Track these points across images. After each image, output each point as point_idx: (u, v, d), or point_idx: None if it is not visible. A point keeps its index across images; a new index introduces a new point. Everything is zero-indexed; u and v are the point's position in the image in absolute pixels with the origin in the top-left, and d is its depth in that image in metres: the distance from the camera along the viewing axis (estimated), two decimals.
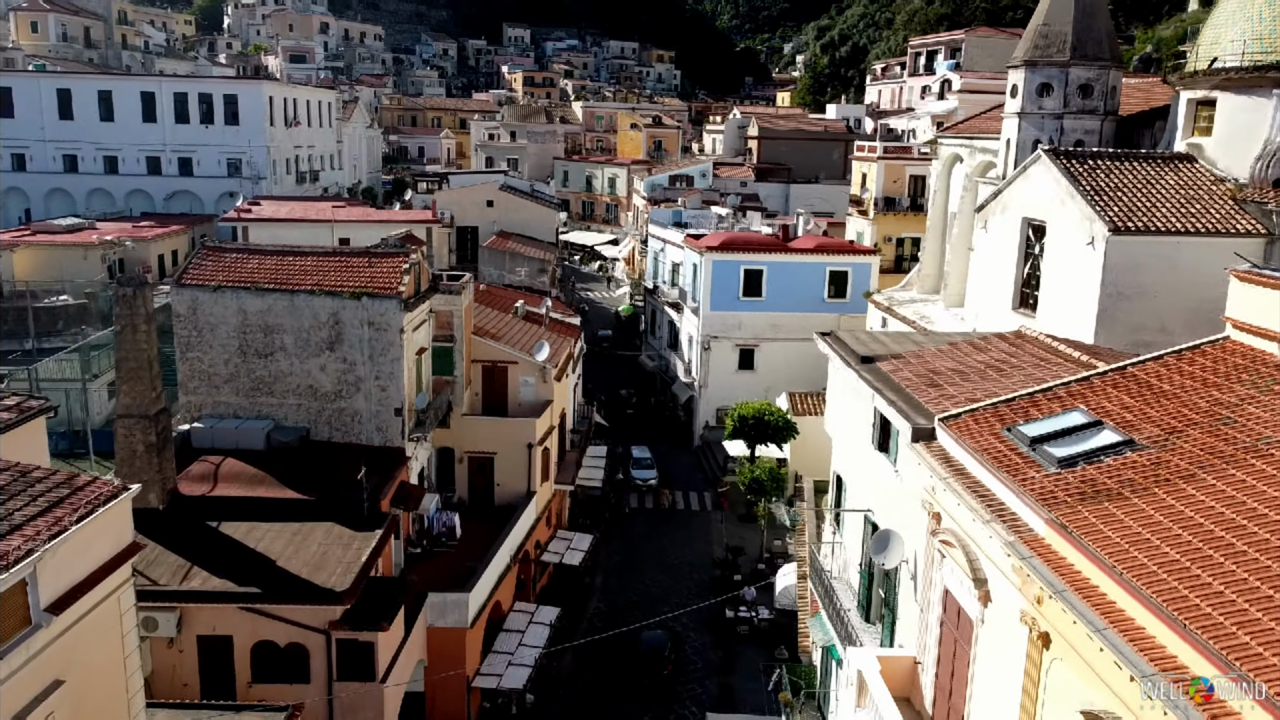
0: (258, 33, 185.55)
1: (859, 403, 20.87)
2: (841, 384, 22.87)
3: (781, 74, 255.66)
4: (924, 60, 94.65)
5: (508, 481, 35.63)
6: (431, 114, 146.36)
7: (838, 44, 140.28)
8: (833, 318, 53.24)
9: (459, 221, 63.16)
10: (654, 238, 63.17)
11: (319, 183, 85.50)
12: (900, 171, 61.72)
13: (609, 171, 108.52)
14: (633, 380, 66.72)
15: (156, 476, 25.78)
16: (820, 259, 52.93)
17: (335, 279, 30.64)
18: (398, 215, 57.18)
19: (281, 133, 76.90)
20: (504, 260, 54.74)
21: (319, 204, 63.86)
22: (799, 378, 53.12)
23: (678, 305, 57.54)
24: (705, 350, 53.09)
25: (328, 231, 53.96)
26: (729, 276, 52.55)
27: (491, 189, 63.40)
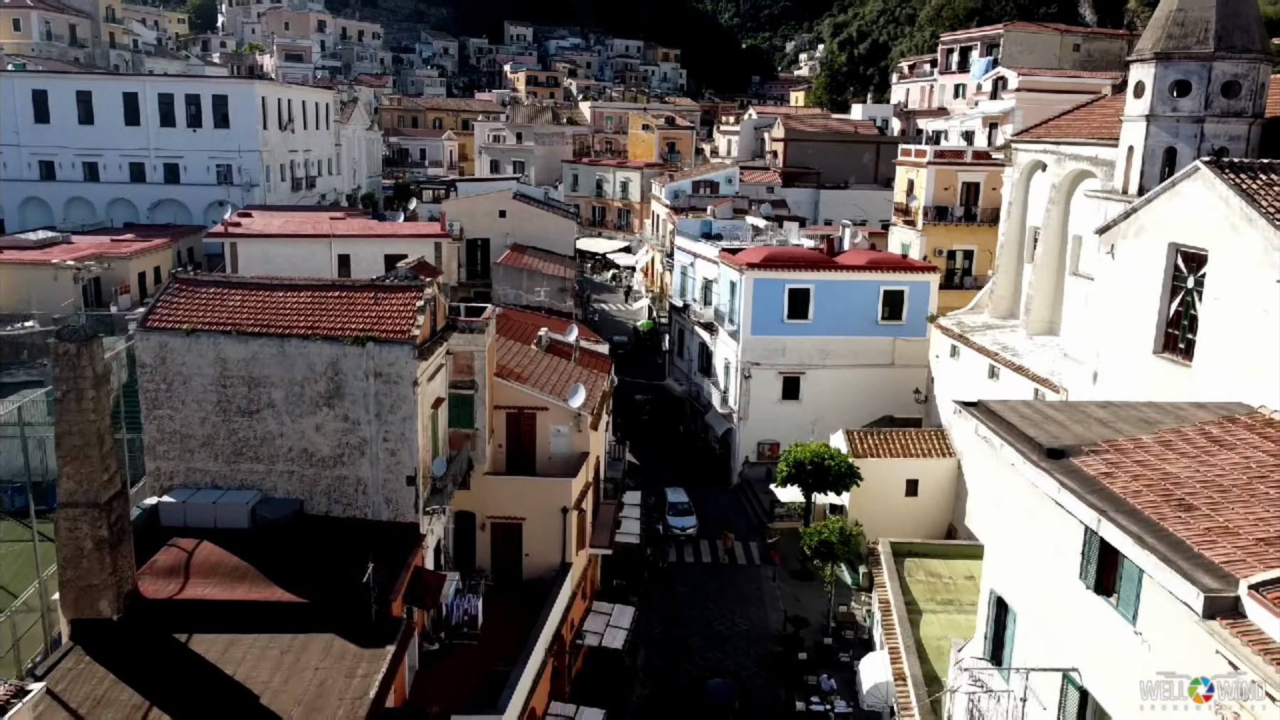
0: (253, 31, 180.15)
1: (1043, 510, 15.48)
2: (1007, 480, 17.35)
3: (785, 73, 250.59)
4: (957, 57, 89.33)
5: (538, 551, 30.26)
6: (433, 115, 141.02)
7: (856, 41, 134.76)
8: (887, 342, 48.03)
9: (469, 233, 57.81)
10: (682, 250, 57.82)
11: (316, 189, 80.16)
12: (952, 178, 56.43)
13: (621, 175, 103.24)
14: (649, 387, 61.38)
15: (110, 579, 20.42)
16: (873, 277, 47.59)
17: (334, 319, 25.25)
18: (402, 228, 51.82)
19: (275, 136, 71.51)
20: (521, 279, 49.39)
21: (316, 215, 58.42)
22: (850, 409, 47.90)
23: (711, 327, 52.19)
24: (745, 379, 47.75)
25: (325, 248, 48.59)
26: (772, 296, 47.23)
27: (504, 198, 58.04)
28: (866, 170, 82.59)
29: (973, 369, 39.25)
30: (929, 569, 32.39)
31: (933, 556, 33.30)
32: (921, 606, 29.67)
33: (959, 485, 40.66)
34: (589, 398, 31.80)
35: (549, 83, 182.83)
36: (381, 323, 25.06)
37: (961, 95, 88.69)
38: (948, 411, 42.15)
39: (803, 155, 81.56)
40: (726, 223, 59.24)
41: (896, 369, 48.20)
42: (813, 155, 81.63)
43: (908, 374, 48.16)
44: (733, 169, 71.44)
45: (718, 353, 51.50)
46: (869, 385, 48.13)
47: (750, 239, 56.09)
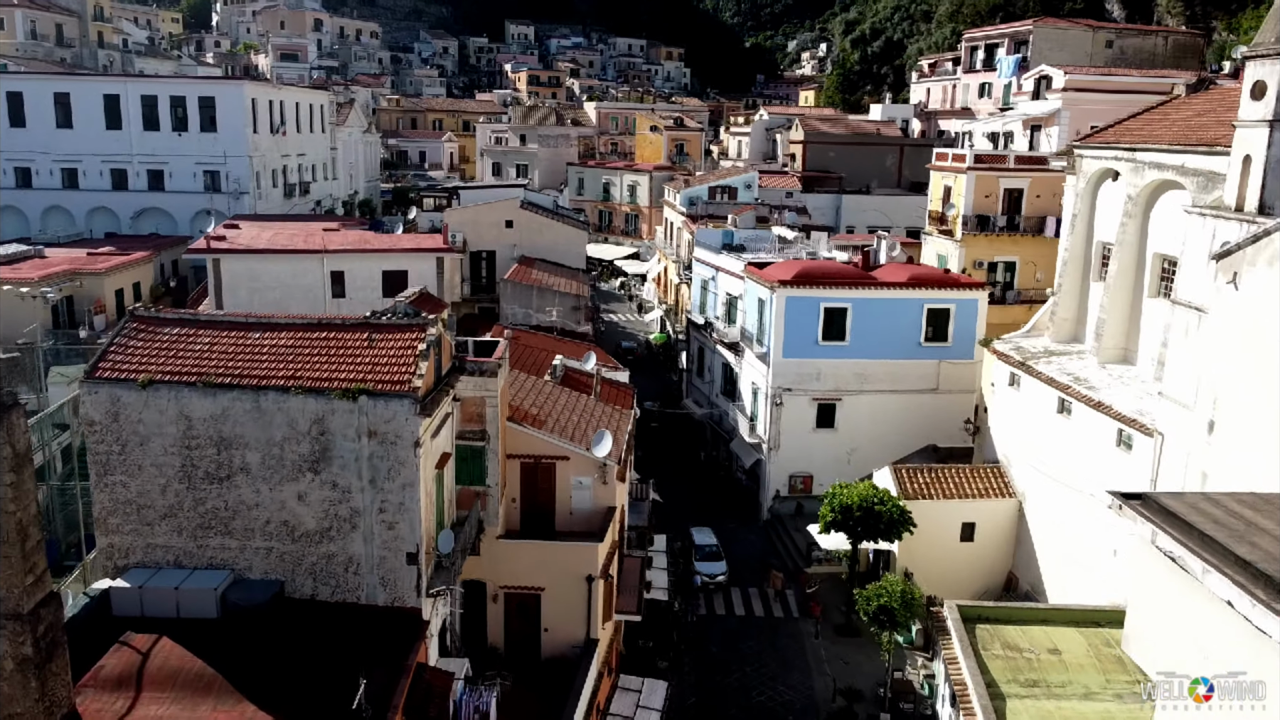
0: (248, 31, 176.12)
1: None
2: (1206, 610, 13.02)
3: (788, 72, 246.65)
4: (982, 55, 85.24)
5: (559, 625, 26.21)
6: (433, 116, 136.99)
7: (869, 39, 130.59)
8: (931, 365, 44.00)
9: (473, 245, 53.73)
10: (702, 263, 53.76)
11: (310, 195, 76.14)
12: (993, 184, 52.37)
13: (629, 178, 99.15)
14: (658, 393, 57.41)
15: (37, 707, 16.37)
16: (916, 294, 43.54)
17: (321, 367, 21.20)
18: (402, 241, 47.74)
19: (266, 140, 67.48)
20: (530, 297, 45.32)
21: (309, 225, 54.38)
22: (890, 438, 43.92)
23: (736, 347, 48.16)
24: (776, 406, 43.69)
25: (317, 265, 44.54)
26: (805, 316, 43.18)
27: (510, 207, 53.96)
28: (889, 174, 78.57)
29: (1037, 402, 35.20)
30: (1005, 639, 28.34)
31: (1007, 622, 29.23)
32: (1004, 689, 25.60)
33: (1020, 529, 36.64)
34: (615, 444, 27.73)
35: (551, 82, 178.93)
36: (376, 371, 21.01)
37: (987, 95, 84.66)
38: (1005, 445, 38.13)
39: (823, 158, 77.50)
40: (749, 233, 55.19)
41: (941, 395, 44.19)
42: (833, 159, 77.58)
43: (954, 400, 44.15)
44: (751, 174, 67.44)
45: (744, 376, 47.45)
46: (911, 413, 44.11)
47: (777, 251, 52.04)
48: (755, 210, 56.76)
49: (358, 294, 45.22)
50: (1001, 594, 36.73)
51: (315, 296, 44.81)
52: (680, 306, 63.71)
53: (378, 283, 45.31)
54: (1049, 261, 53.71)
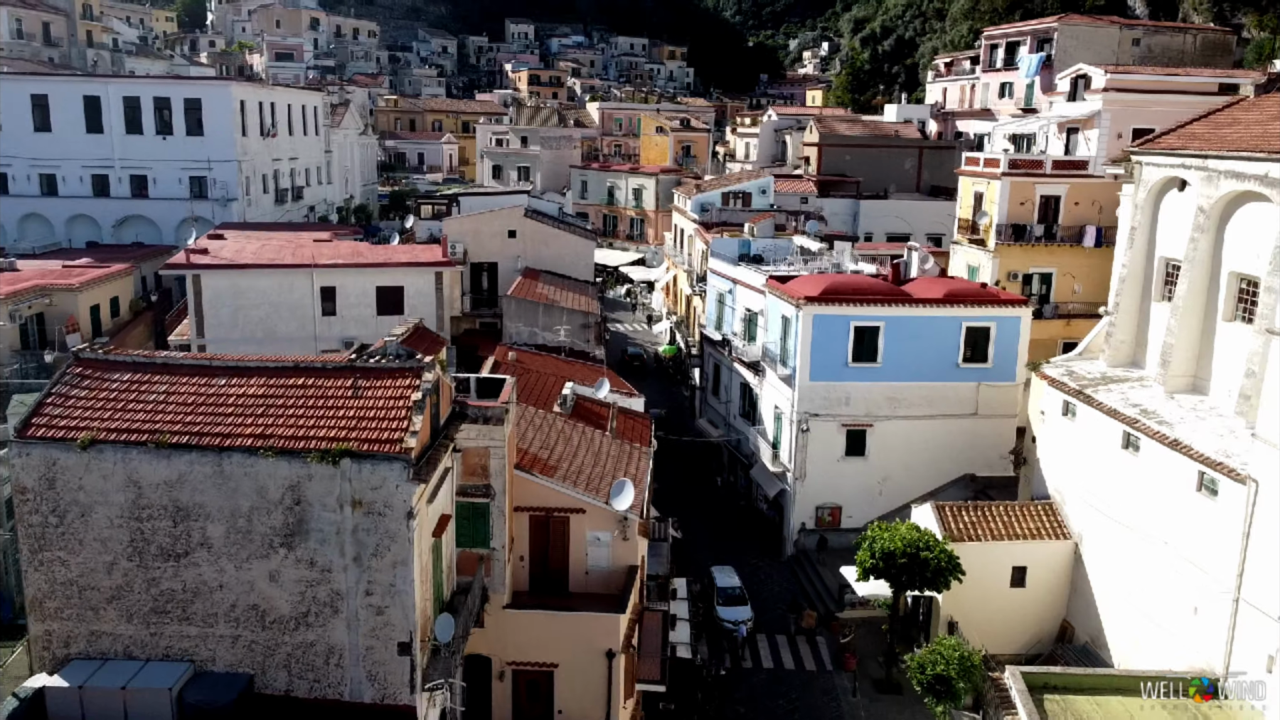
0: (243, 30, 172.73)
1: None
2: None
3: (791, 72, 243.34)
4: (1002, 53, 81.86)
5: (575, 707, 22.93)
6: (431, 116, 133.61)
7: (879, 37, 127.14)
8: (969, 388, 40.73)
9: (474, 256, 50.45)
10: (718, 275, 50.46)
11: (303, 201, 72.86)
12: (1029, 191, 49.10)
13: (634, 181, 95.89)
14: (669, 411, 54.21)
15: None
16: (953, 311, 40.21)
17: (296, 421, 17.92)
18: (397, 253, 44.38)
19: (256, 143, 64.18)
20: (536, 314, 42.04)
21: (299, 235, 51.11)
22: (925, 467, 40.70)
23: (757, 367, 44.87)
24: (802, 432, 40.39)
25: (306, 280, 41.22)
26: (834, 335, 39.86)
27: (514, 216, 50.64)
28: (908, 178, 75.29)
29: (1097, 435, 31.89)
30: (1078, 713, 25.09)
31: (1078, 690, 25.99)
32: None
33: (1076, 574, 33.34)
34: (636, 492, 24.42)
35: (552, 82, 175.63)
36: (363, 427, 17.72)
37: (1008, 95, 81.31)
38: (1057, 480, 34.83)
39: (838, 162, 74.18)
40: (767, 242, 51.88)
41: (981, 420, 40.91)
42: (850, 162, 74.26)
43: (994, 426, 40.88)
44: (766, 179, 64.16)
45: (765, 398, 44.15)
46: (947, 439, 40.83)
47: (798, 262, 48.77)
48: (773, 218, 53.47)
49: (349, 311, 41.97)
50: (1056, 645, 33.45)
51: (304, 314, 41.54)
52: (692, 319, 60.44)
53: (371, 299, 42.06)
54: (1087, 273, 50.60)
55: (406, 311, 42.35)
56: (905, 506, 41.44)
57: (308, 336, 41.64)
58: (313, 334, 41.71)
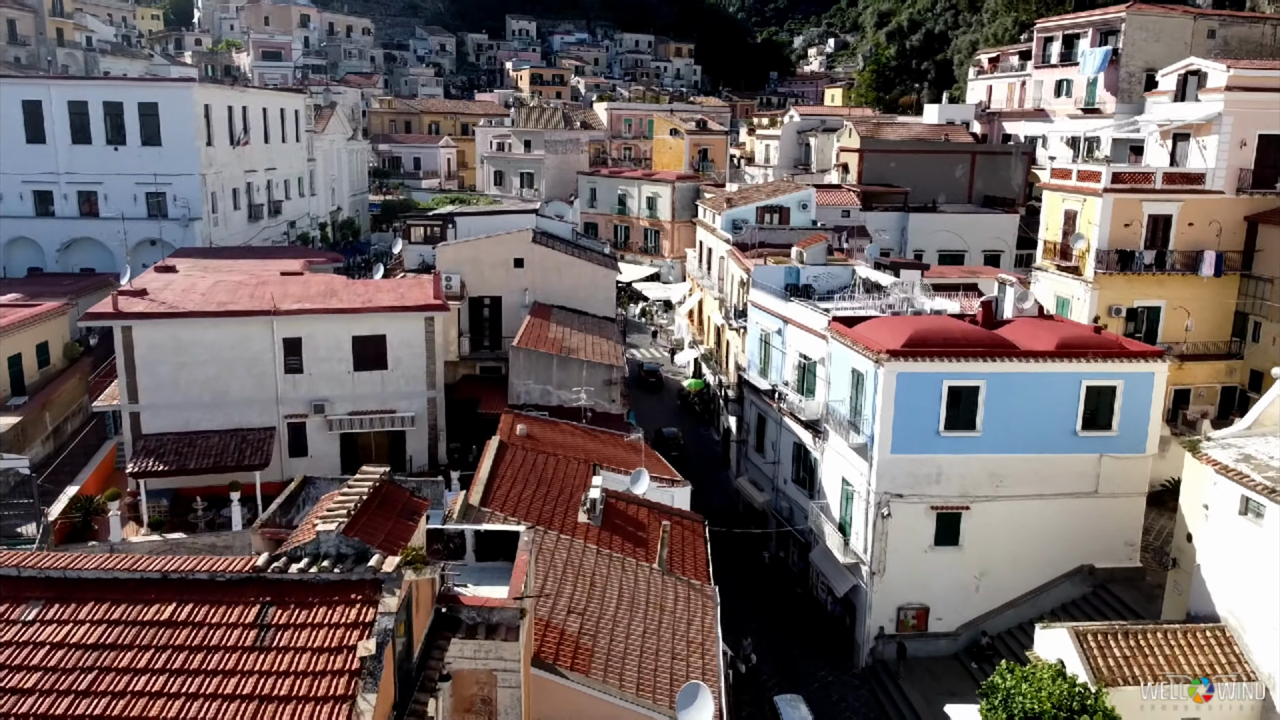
0: (231, 27, 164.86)
1: None
2: None
3: (799, 69, 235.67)
4: (1059, 47, 73.84)
5: None
6: (428, 118, 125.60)
7: (906, 32, 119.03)
8: (1089, 461, 32.80)
9: (473, 289, 42.57)
10: (762, 310, 42.54)
11: (282, 217, 64.99)
12: (1134, 210, 41.19)
13: (648, 189, 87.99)
14: (700, 459, 46.69)
15: None
16: (1070, 367, 32.23)
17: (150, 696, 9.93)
18: (379, 295, 36.31)
19: (225, 153, 56.29)
20: (549, 369, 34.15)
21: (267, 264, 43.25)
22: (1031, 558, 33.03)
23: (816, 427, 36.96)
24: (883, 517, 32.46)
25: (265, 330, 33.28)
26: (924, 397, 31.92)
27: (520, 241, 42.69)
28: (959, 187, 67.33)
29: None
30: None
31: None
32: None
33: None
34: (715, 695, 16.44)
35: (555, 81, 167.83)
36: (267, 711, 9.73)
37: (1065, 93, 73.31)
38: (1230, 599, 26.85)
39: (882, 169, 66.20)
40: (819, 270, 43.97)
41: (1102, 500, 33.01)
42: (895, 169, 66.29)
43: (1118, 507, 33.04)
44: (806, 191, 56.19)
45: (828, 466, 36.21)
46: (1060, 523, 32.96)
47: (859, 295, 40.88)
48: (826, 240, 45.53)
49: (320, 367, 34.08)
50: None
51: (263, 372, 33.63)
52: (724, 353, 52.52)
53: (346, 352, 34.16)
54: (1202, 307, 42.63)
55: (390, 366, 34.49)
56: (1005, 607, 33.75)
57: (267, 399, 33.77)
58: (274, 396, 33.83)
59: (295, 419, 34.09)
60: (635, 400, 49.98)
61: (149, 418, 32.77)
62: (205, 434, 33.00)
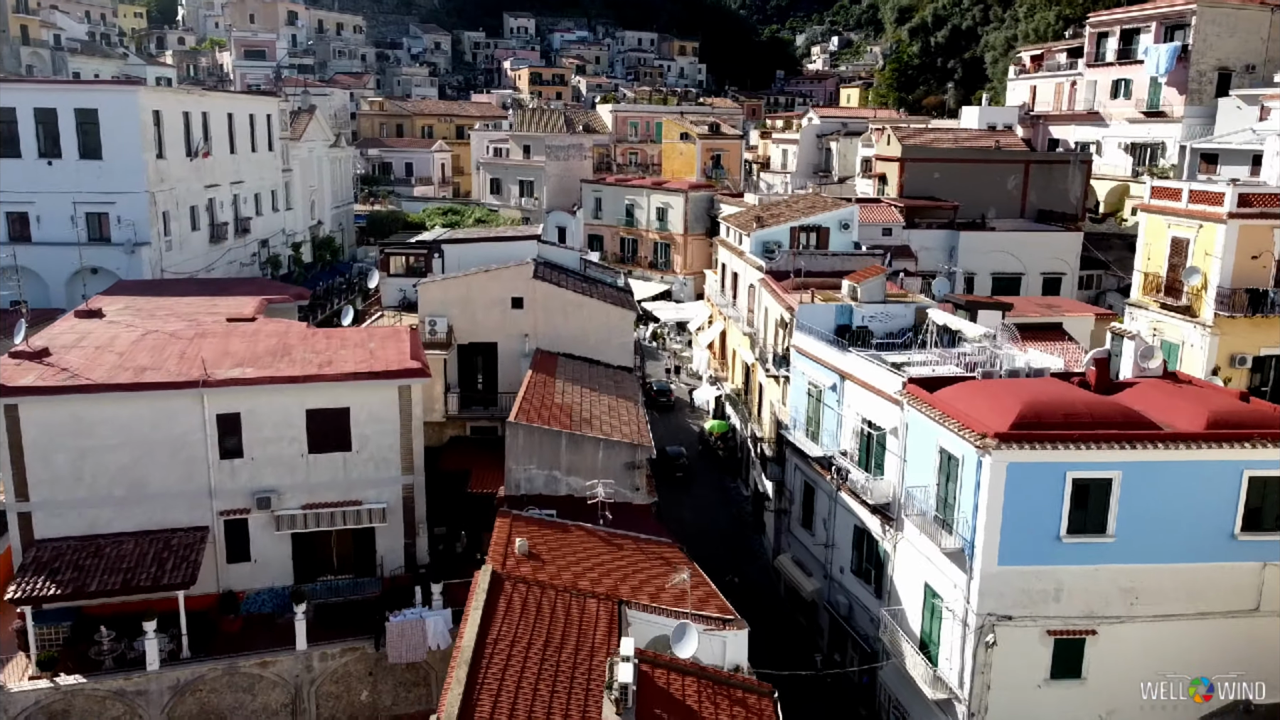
0: (216, 25, 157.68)
1: None
2: None
3: (802, 67, 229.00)
4: (1115, 43, 66.71)
5: None
6: (421, 121, 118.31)
7: (931, 28, 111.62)
8: (1250, 571, 25.62)
9: (463, 334, 35.37)
10: (809, 358, 35.35)
11: (251, 236, 57.73)
12: (1264, 238, 34.01)
13: (657, 199, 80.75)
14: (723, 520, 39.59)
15: None
16: (1229, 454, 25.02)
17: None
18: (341, 357, 28.90)
19: (181, 166, 49.09)
20: (555, 451, 26.92)
21: (214, 305, 36.05)
22: (1179, 694, 25.55)
23: (886, 514, 29.80)
24: (986, 645, 25.26)
25: (195, 406, 26.05)
26: (1041, 493, 24.72)
27: (519, 277, 35.42)
28: (1011, 200, 60.14)
29: None
30: None
31: None
32: None
33: None
34: None
35: (555, 81, 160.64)
36: None
37: (1123, 94, 66.23)
38: None
39: (925, 180, 58.97)
40: (876, 309, 36.72)
41: (1266, 619, 25.85)
42: (939, 180, 59.05)
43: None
44: (848, 209, 48.91)
45: (905, 566, 29.01)
46: (1211, 648, 25.79)
47: (929, 340, 33.67)
48: (882, 271, 38.23)
49: (266, 450, 26.86)
50: None
51: (192, 457, 26.41)
52: (757, 398, 45.29)
53: (299, 430, 26.96)
54: None
55: (355, 446, 27.31)
56: None
57: (198, 491, 26.55)
58: (206, 487, 26.62)
59: (234, 515, 26.88)
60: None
61: (43, 519, 25.58)
62: (117, 538, 25.81)
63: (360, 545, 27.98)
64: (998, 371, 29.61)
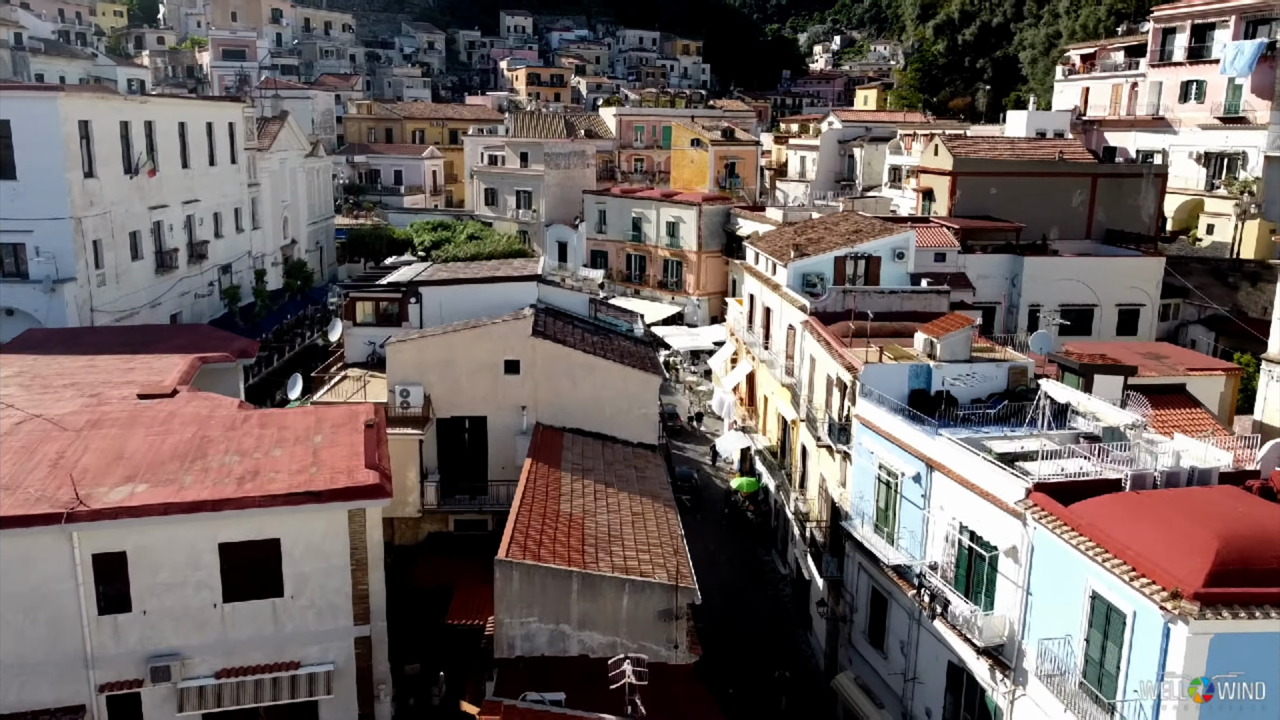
0: (198, 24, 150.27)
1: None
2: None
3: (807, 67, 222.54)
4: (1185, 40, 59.45)
5: None
6: (412, 125, 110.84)
7: (958, 25, 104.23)
8: None
9: (445, 406, 28.05)
10: (877, 434, 28.02)
11: (210, 261, 50.38)
12: None
13: (668, 213, 73.49)
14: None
15: None
16: None
17: None
18: (268, 477, 21.47)
19: (116, 186, 41.72)
20: (565, 597, 19.52)
21: (129, 368, 28.69)
22: None
23: (999, 657, 22.48)
24: None
25: (62, 546, 18.62)
26: (1255, 671, 17.41)
27: (516, 334, 28.06)
28: (1075, 218, 52.81)
29: None
30: None
31: None
32: None
33: None
34: None
35: (554, 81, 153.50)
36: None
37: (1194, 97, 59.00)
38: None
39: (980, 197, 51.63)
40: (961, 369, 29.37)
41: None
42: (995, 197, 51.73)
43: None
44: (904, 234, 41.50)
45: None
46: None
47: (1038, 417, 26.28)
48: (972, 322, 30.88)
49: (163, 600, 19.43)
50: None
51: (59, 612, 18.99)
52: (799, 463, 37.93)
53: (210, 571, 19.53)
54: None
55: (289, 590, 19.96)
56: None
57: (69, 658, 19.12)
58: (81, 653, 19.18)
59: (121, 690, 19.49)
60: None
61: None
62: None
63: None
64: (1151, 473, 22.27)
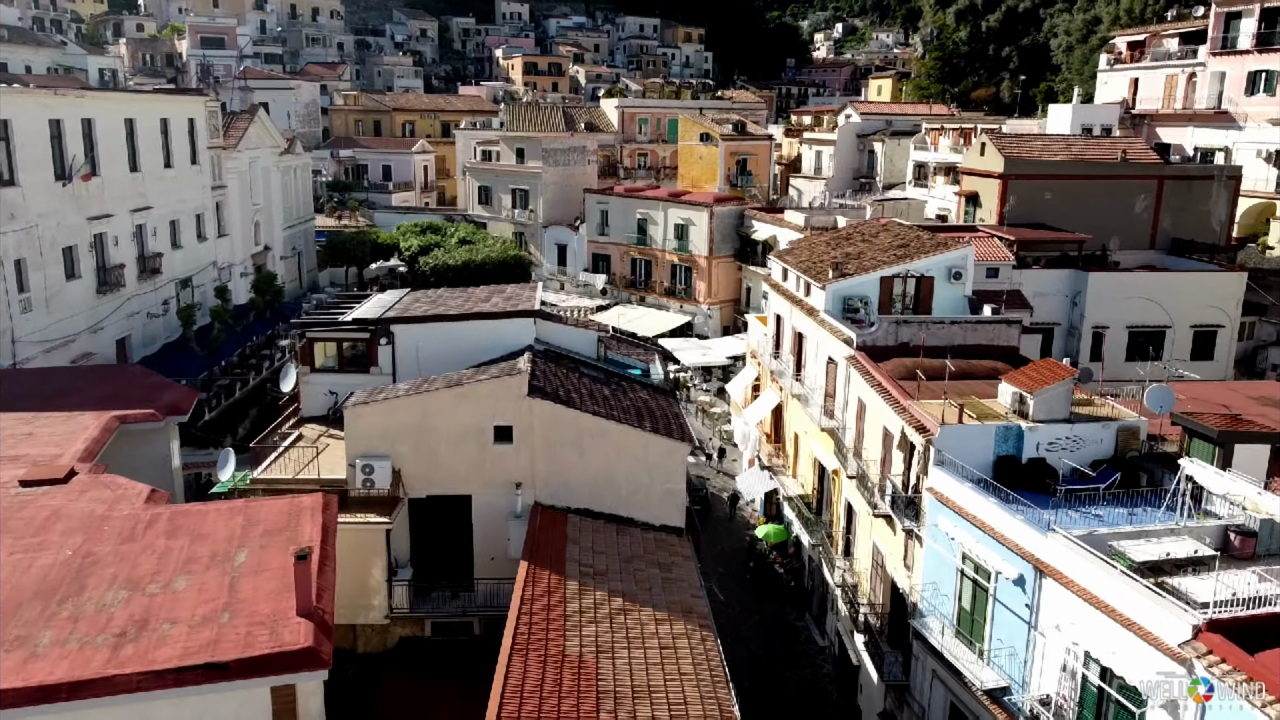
0: (180, 10, 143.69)
1: None
2: None
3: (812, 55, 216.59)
4: (1253, 25, 53.65)
5: None
6: (402, 117, 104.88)
7: (982, 10, 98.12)
8: None
9: (418, 485, 22.32)
10: (962, 517, 22.32)
11: (165, 276, 44.60)
12: None
13: (676, 214, 67.75)
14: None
15: None
16: None
17: None
18: (196, 568, 15.96)
19: (47, 195, 35.87)
20: None
21: (32, 428, 22.96)
22: None
23: None
24: None
25: None
26: None
27: (507, 393, 22.35)
28: (1139, 226, 47.09)
29: None
30: None
31: None
32: None
33: None
34: None
35: (551, 70, 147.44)
36: None
37: (1261, 88, 53.23)
38: None
39: (1033, 203, 45.87)
40: (1056, 430, 23.68)
41: None
42: (1050, 202, 45.98)
43: None
44: (961, 251, 35.62)
45: None
46: None
47: (1188, 521, 20.65)
48: (1073, 374, 25.10)
49: None
50: None
51: None
52: (838, 518, 32.24)
53: None
54: None
55: None
56: None
57: None
58: None
59: None
60: None
61: None
62: None
63: None
64: None
